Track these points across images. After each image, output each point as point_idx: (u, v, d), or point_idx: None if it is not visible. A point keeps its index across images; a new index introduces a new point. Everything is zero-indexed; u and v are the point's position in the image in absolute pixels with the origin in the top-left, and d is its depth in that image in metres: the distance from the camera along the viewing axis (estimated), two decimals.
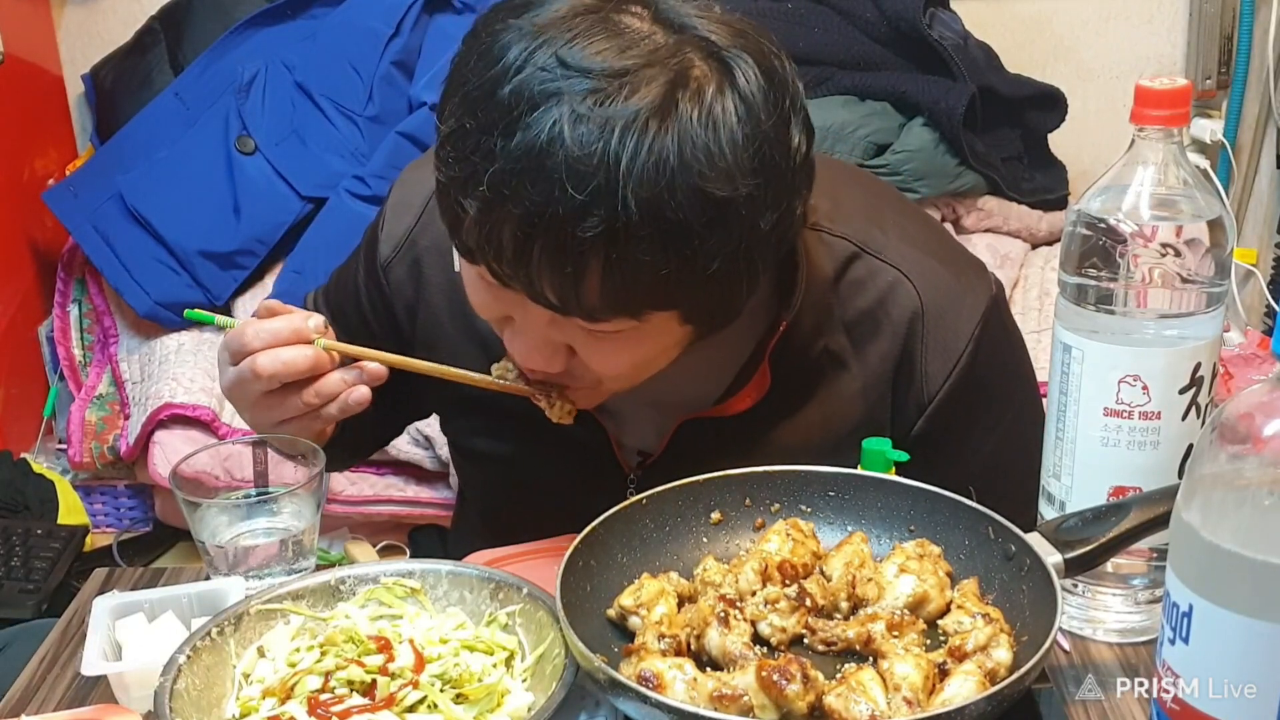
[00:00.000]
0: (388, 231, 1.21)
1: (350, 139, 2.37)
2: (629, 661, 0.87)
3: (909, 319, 1.11)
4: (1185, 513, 0.74)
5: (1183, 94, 0.91)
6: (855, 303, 1.11)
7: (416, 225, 1.20)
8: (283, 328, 1.05)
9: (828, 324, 1.11)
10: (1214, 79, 2.70)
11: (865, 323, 1.11)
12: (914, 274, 1.11)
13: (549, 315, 0.95)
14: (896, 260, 1.12)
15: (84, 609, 1.05)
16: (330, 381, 1.06)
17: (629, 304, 0.92)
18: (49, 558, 1.96)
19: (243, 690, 0.92)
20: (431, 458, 2.16)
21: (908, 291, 1.11)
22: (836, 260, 1.11)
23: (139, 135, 2.43)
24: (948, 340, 1.11)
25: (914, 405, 1.12)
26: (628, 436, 1.17)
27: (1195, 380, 0.94)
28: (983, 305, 1.13)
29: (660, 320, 0.95)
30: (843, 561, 0.98)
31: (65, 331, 2.48)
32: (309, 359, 1.05)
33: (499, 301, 0.99)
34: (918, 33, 2.39)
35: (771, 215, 0.92)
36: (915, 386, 1.12)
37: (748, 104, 0.89)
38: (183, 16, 2.56)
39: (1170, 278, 0.92)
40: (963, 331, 1.11)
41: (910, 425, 1.13)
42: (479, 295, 1.01)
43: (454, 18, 2.40)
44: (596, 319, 0.93)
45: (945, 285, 1.12)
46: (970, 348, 1.11)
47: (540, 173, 0.86)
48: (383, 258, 1.21)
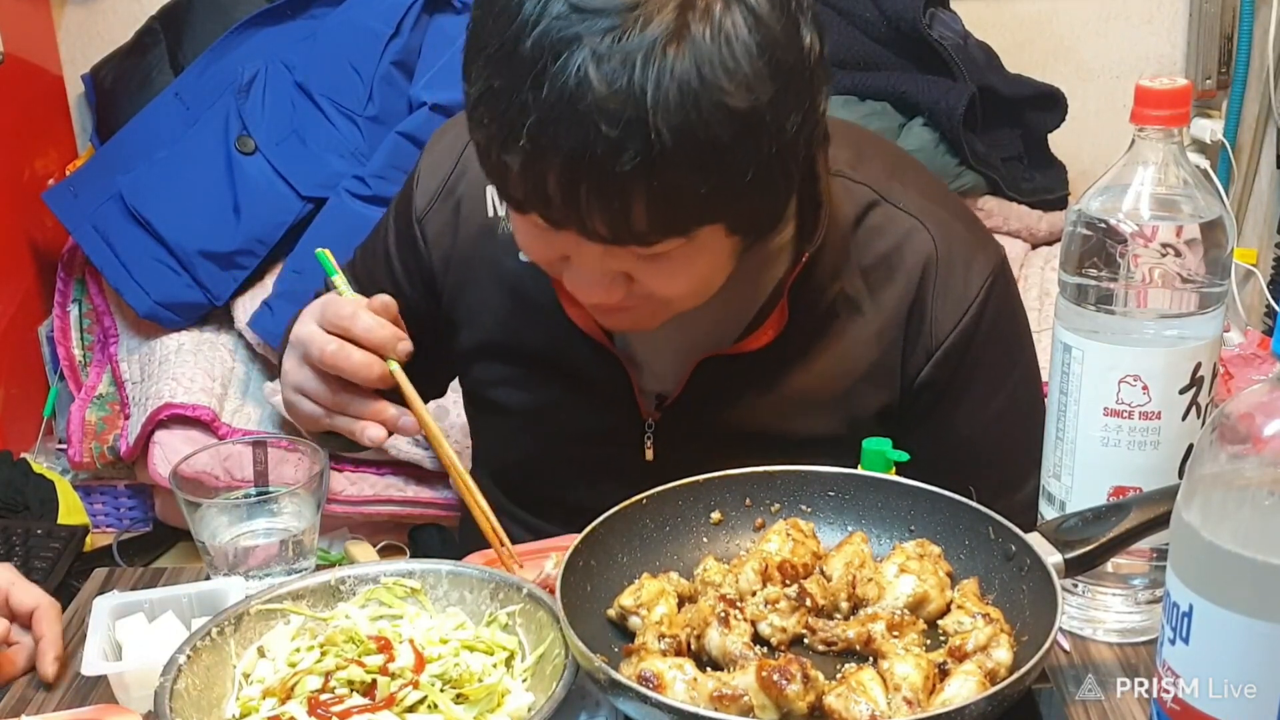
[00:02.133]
0: (422, 188, 1.25)
1: (350, 139, 2.36)
2: (629, 661, 0.88)
3: (923, 264, 1.15)
4: (1185, 513, 0.74)
5: (1183, 94, 0.91)
6: (873, 248, 1.15)
7: (453, 173, 1.23)
8: (376, 331, 1.07)
9: (845, 267, 1.14)
10: (1214, 79, 2.70)
11: (881, 268, 1.15)
12: (930, 223, 1.16)
13: (603, 248, 0.97)
14: (914, 210, 1.16)
15: (84, 609, 1.05)
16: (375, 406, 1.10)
17: (676, 224, 0.95)
18: (49, 558, 1.96)
19: (243, 690, 0.92)
20: (432, 458, 2.16)
21: (923, 238, 1.15)
22: (857, 206, 1.15)
23: (139, 135, 2.43)
24: (958, 289, 1.15)
25: (923, 350, 1.16)
26: (648, 380, 1.20)
27: (1195, 380, 0.94)
28: (994, 262, 1.17)
29: (708, 235, 0.98)
30: (843, 561, 0.98)
31: (65, 331, 2.48)
32: (374, 373, 1.08)
33: (552, 245, 1.02)
34: (917, 33, 2.38)
35: (796, 117, 0.95)
36: (925, 332, 1.15)
37: (755, 13, 0.91)
38: (183, 16, 2.56)
39: (1170, 278, 0.92)
40: (973, 283, 1.15)
41: (918, 371, 1.16)
42: (533, 243, 1.04)
43: (454, 18, 2.40)
44: (649, 243, 0.96)
45: (959, 237, 1.17)
46: (980, 298, 1.15)
47: (574, 117, 0.89)
48: (418, 211, 1.24)
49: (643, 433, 1.20)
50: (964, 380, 1.17)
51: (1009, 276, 1.20)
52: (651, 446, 1.20)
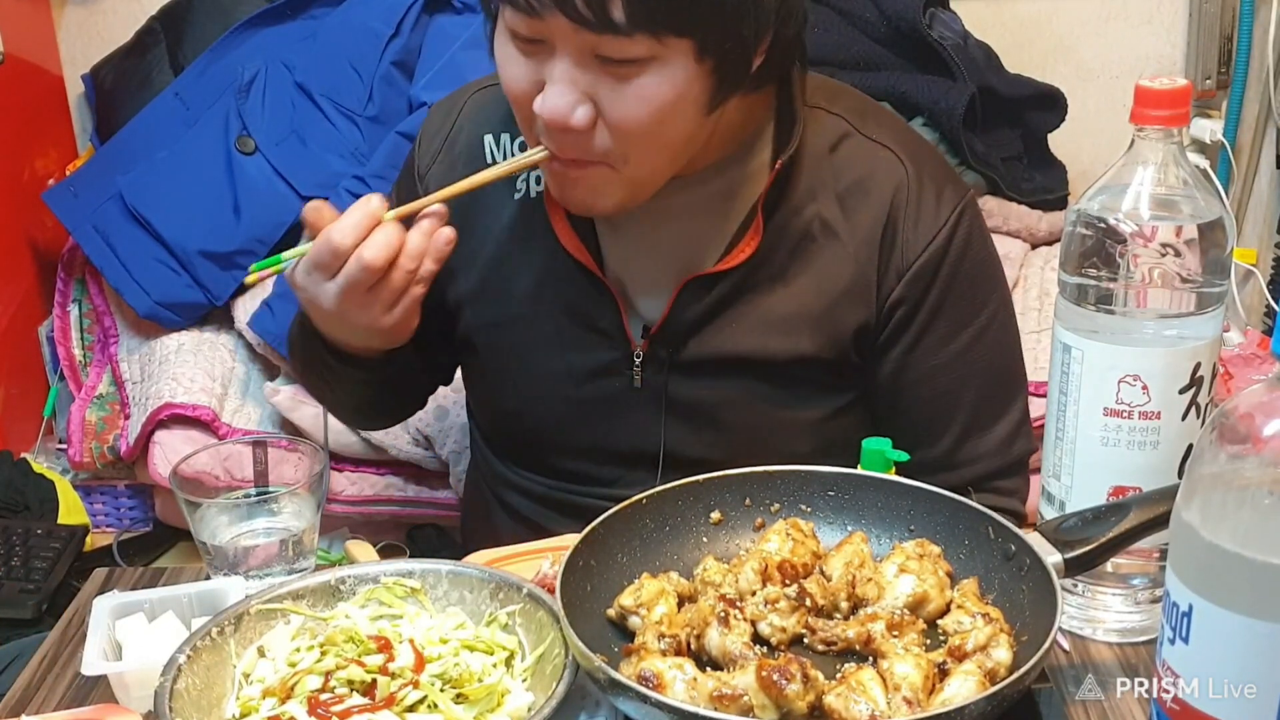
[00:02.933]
0: (424, 149, 1.30)
1: (350, 139, 2.36)
2: (629, 661, 0.88)
3: (894, 188, 1.19)
4: (1185, 513, 0.74)
5: (1183, 94, 0.91)
6: (847, 173, 1.19)
7: (452, 130, 1.29)
8: (362, 218, 1.09)
9: (821, 191, 1.19)
10: (1214, 79, 2.70)
11: (855, 192, 1.19)
12: (901, 152, 1.21)
13: (576, 56, 1.03)
14: (886, 140, 1.21)
15: (84, 609, 1.05)
16: (415, 240, 1.11)
17: (652, 18, 1.00)
18: (49, 558, 1.96)
19: (243, 690, 0.92)
20: (431, 458, 2.16)
21: (895, 164, 1.20)
22: (831, 135, 1.20)
23: (139, 135, 2.43)
24: (929, 214, 1.19)
25: (894, 270, 1.20)
26: (635, 307, 1.23)
27: (1195, 380, 0.94)
28: (962, 194, 1.22)
29: (678, 53, 1.03)
30: (843, 561, 0.98)
31: (65, 331, 2.47)
32: (399, 232, 1.10)
33: (531, 63, 1.06)
34: (917, 33, 2.38)
35: None
36: (897, 251, 1.19)
37: None
38: (183, 16, 2.56)
39: (1170, 278, 0.92)
40: (943, 210, 1.20)
41: (890, 290, 1.20)
42: (513, 68, 1.08)
43: (454, 17, 2.40)
44: (625, 32, 1.00)
45: (930, 166, 1.22)
46: (949, 224, 1.20)
47: None
48: (421, 169, 1.29)
49: (631, 362, 1.22)
50: (935, 304, 1.21)
51: (977, 212, 1.24)
52: (641, 376, 1.23)
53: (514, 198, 1.24)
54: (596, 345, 1.24)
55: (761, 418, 1.23)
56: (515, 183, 1.24)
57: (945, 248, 1.19)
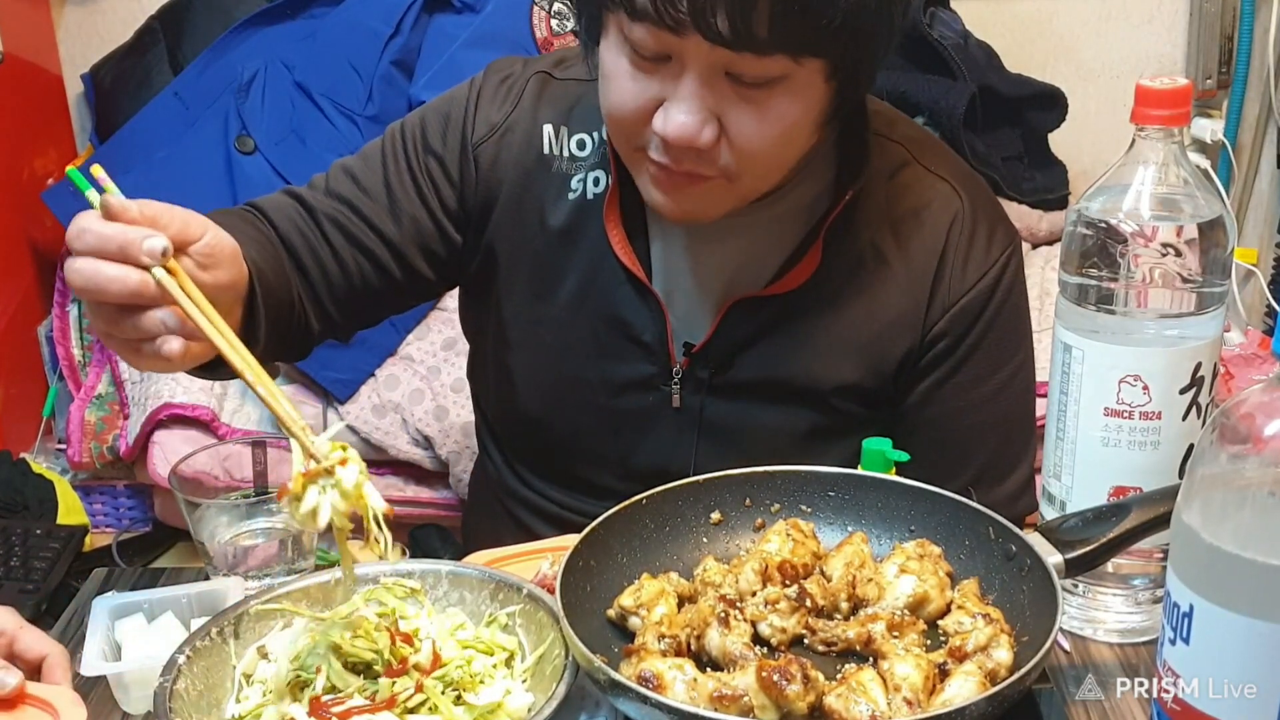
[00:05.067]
0: (484, 116, 1.22)
1: (350, 139, 2.36)
2: (629, 662, 0.87)
3: (950, 219, 1.18)
4: (1186, 513, 0.74)
5: (1183, 94, 0.91)
6: (904, 203, 1.18)
7: (515, 110, 1.22)
8: (112, 238, 0.89)
9: (877, 219, 1.17)
10: (1214, 79, 2.70)
11: (910, 220, 1.18)
12: (959, 184, 1.20)
13: (705, 74, 0.99)
14: (945, 172, 1.20)
15: (83, 609, 1.05)
16: (148, 319, 0.90)
17: (793, 38, 0.97)
18: (48, 558, 1.96)
19: (243, 691, 0.92)
20: (431, 458, 2.16)
21: (952, 196, 1.19)
22: (892, 164, 1.19)
23: (138, 135, 2.43)
24: (980, 251, 1.18)
25: (940, 303, 1.18)
26: (679, 324, 1.20)
27: (1196, 380, 0.93)
28: (1013, 237, 1.22)
29: (810, 73, 1.01)
30: (843, 562, 0.97)
31: (65, 331, 2.47)
32: (128, 287, 0.88)
33: (650, 82, 1.02)
34: (918, 32, 2.39)
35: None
36: (945, 285, 1.18)
37: None
38: (182, 16, 2.56)
39: (1170, 278, 0.92)
40: (994, 251, 1.19)
41: (935, 322, 1.19)
42: (630, 84, 1.04)
43: (454, 17, 2.40)
44: (764, 52, 0.97)
45: (985, 202, 1.21)
46: (999, 265, 1.19)
47: None
48: (475, 137, 1.21)
49: (670, 379, 1.20)
50: (973, 343, 1.19)
51: (1021, 259, 1.23)
52: (679, 394, 1.21)
53: (569, 198, 1.19)
54: (636, 358, 1.21)
55: (793, 445, 1.20)
56: (570, 182, 1.19)
57: (993, 288, 1.18)
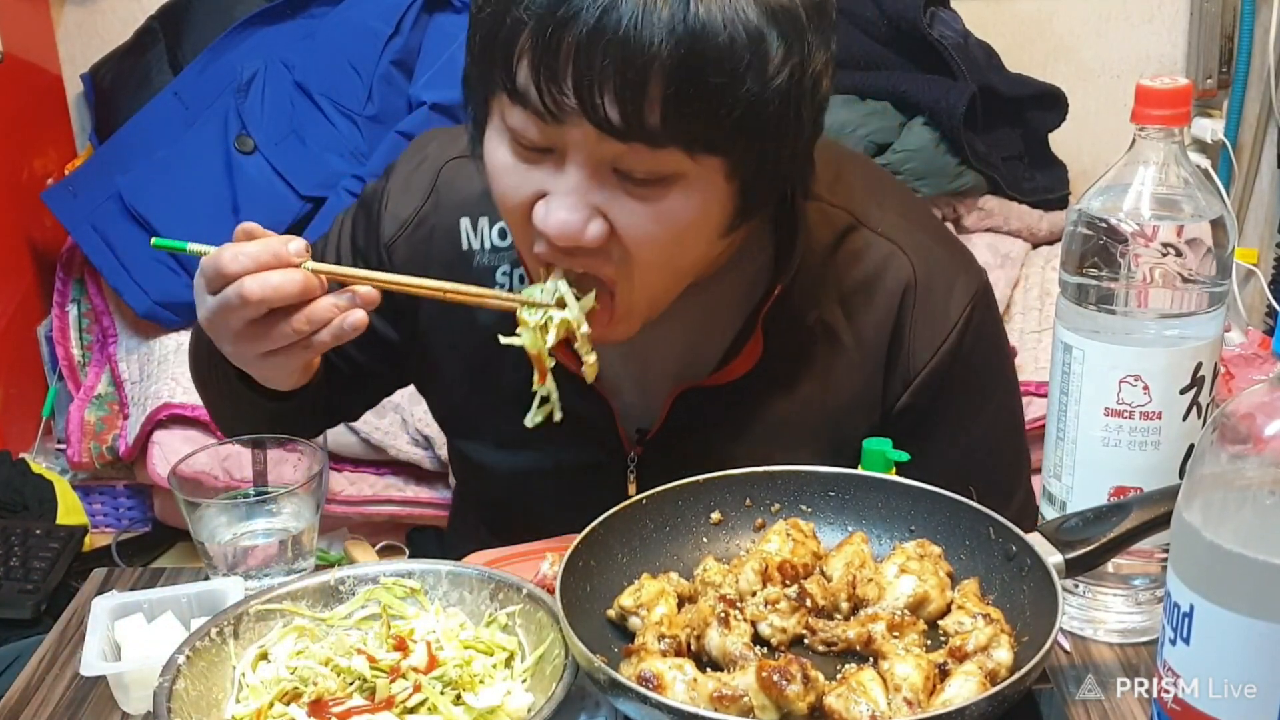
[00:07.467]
0: (392, 212, 1.19)
1: (350, 138, 2.36)
2: (629, 662, 0.87)
3: (901, 290, 1.11)
4: (1186, 513, 0.74)
5: (1183, 93, 0.91)
6: (850, 275, 1.12)
7: (426, 202, 1.18)
8: (263, 251, 0.99)
9: (823, 294, 1.11)
10: (1215, 78, 2.70)
11: (859, 294, 1.12)
12: (909, 248, 1.12)
13: (592, 167, 0.93)
14: (893, 234, 1.12)
15: (83, 609, 1.05)
16: (322, 306, 1.00)
17: (686, 130, 0.91)
18: (48, 558, 1.96)
19: (243, 691, 0.92)
20: (431, 458, 2.16)
21: (902, 263, 1.12)
22: (834, 231, 1.12)
23: (138, 135, 2.43)
24: (937, 316, 1.12)
25: (900, 379, 1.13)
26: (628, 413, 1.16)
27: (1196, 380, 0.93)
28: (974, 288, 1.14)
29: (707, 172, 0.94)
30: (843, 562, 0.97)
31: (64, 331, 2.47)
32: (298, 283, 0.98)
33: (532, 174, 0.97)
34: (918, 32, 2.38)
35: (821, 55, 0.96)
36: (903, 359, 1.13)
37: None
38: (182, 16, 2.56)
39: (1171, 278, 0.92)
40: (952, 312, 1.12)
41: (896, 399, 1.14)
42: (511, 177, 0.98)
43: (454, 17, 2.40)
44: (657, 144, 0.91)
45: (940, 262, 1.14)
46: (959, 327, 1.12)
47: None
48: (386, 237, 1.18)
49: (625, 467, 1.17)
50: (942, 408, 1.14)
51: (990, 301, 1.17)
52: (634, 481, 1.17)
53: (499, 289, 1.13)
54: (589, 446, 1.17)
55: None
56: (495, 275, 1.15)
57: (956, 349, 1.12)
